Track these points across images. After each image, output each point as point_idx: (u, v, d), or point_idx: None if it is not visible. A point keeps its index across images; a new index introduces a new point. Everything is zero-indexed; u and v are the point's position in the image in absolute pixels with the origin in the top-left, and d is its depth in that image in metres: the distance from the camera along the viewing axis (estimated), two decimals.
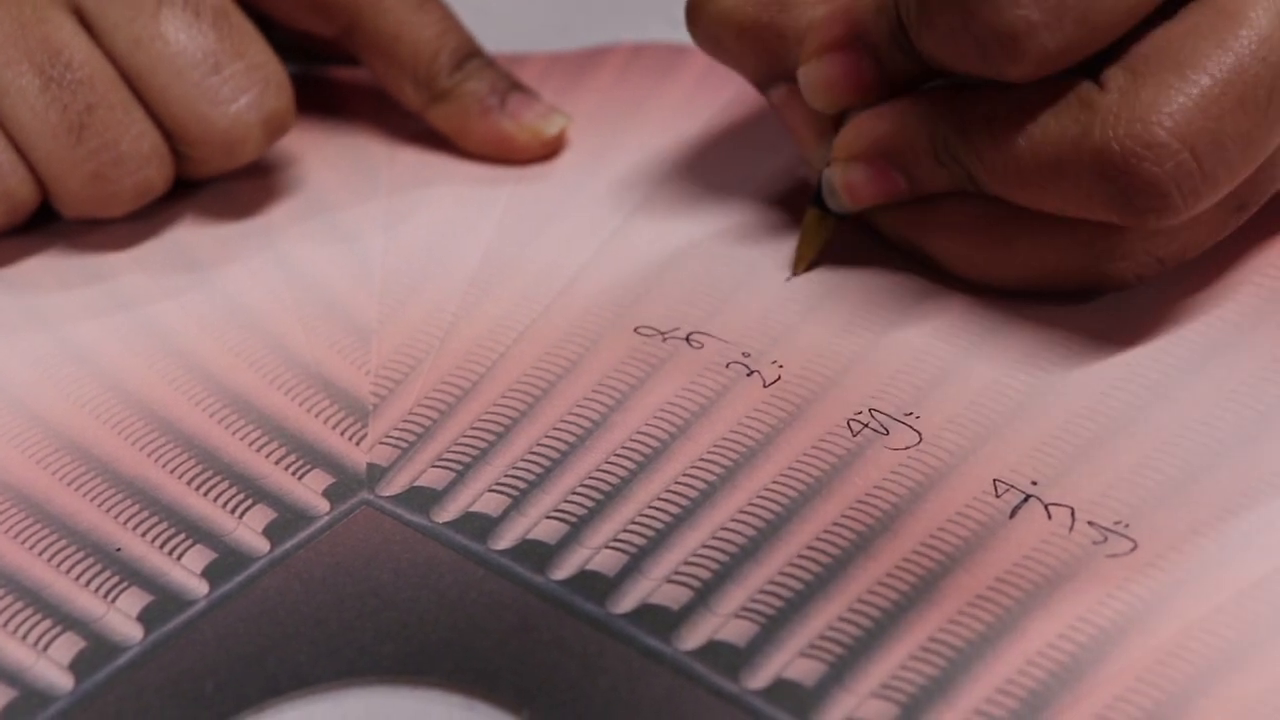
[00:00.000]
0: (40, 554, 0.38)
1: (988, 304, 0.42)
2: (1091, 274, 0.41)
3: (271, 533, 0.38)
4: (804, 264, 0.44)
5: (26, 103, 0.45)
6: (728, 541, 0.37)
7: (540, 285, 0.45)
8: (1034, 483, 0.37)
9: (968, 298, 0.43)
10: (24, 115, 0.45)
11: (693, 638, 0.35)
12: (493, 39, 0.51)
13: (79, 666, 0.35)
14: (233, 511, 0.39)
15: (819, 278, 0.44)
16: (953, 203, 0.41)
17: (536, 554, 0.37)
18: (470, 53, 0.50)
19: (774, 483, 0.38)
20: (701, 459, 0.39)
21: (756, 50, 0.43)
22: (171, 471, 0.40)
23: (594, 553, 0.37)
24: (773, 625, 0.35)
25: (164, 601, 0.37)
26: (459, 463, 0.39)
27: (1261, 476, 0.37)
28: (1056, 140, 0.38)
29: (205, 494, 0.39)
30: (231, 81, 0.45)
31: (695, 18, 0.44)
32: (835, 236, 0.44)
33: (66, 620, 0.36)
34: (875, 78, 0.41)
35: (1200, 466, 0.38)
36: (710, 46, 0.45)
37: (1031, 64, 0.38)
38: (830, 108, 0.42)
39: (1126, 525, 0.36)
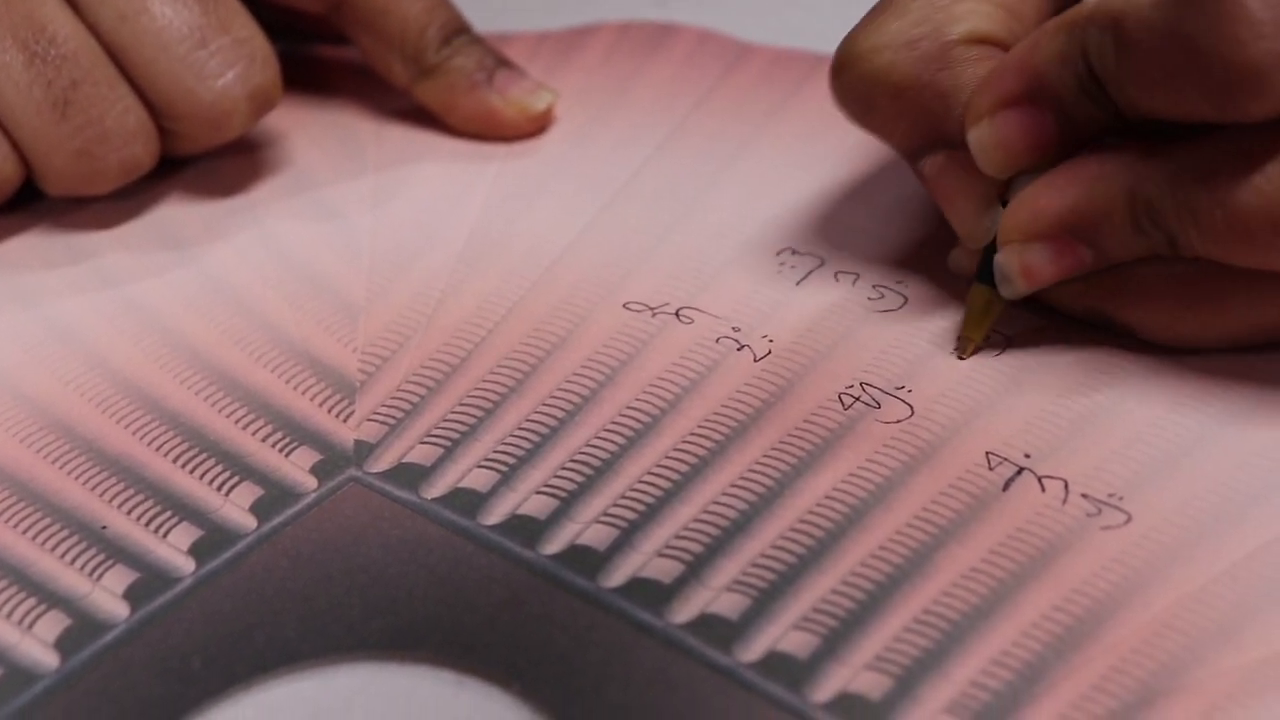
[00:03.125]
0: (25, 532, 0.38)
1: None
2: None
3: (258, 510, 0.38)
4: (972, 346, 0.40)
5: (11, 79, 0.44)
6: (719, 515, 0.37)
7: (528, 261, 0.44)
8: (1027, 455, 0.37)
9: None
10: (8, 92, 0.44)
11: (684, 611, 0.35)
12: (481, 17, 0.51)
13: (64, 644, 0.35)
14: (219, 489, 0.38)
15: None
16: (1152, 269, 0.38)
17: (526, 529, 0.37)
18: (458, 29, 0.50)
19: (765, 456, 0.38)
20: (692, 433, 0.39)
21: (914, 113, 0.39)
22: (157, 449, 0.39)
23: (584, 527, 0.37)
24: (765, 598, 0.35)
25: (150, 579, 0.36)
26: (447, 439, 0.39)
27: (1255, 450, 0.37)
28: None
29: (191, 471, 0.39)
30: (218, 56, 0.45)
31: (843, 77, 0.40)
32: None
33: (52, 598, 0.36)
34: (1056, 136, 0.37)
35: (1194, 440, 0.37)
36: (858, 109, 0.41)
37: (1275, 100, 0.34)
38: (1004, 171, 0.38)
39: (1120, 498, 0.36)
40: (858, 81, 0.40)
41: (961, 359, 0.40)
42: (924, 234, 0.44)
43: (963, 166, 0.39)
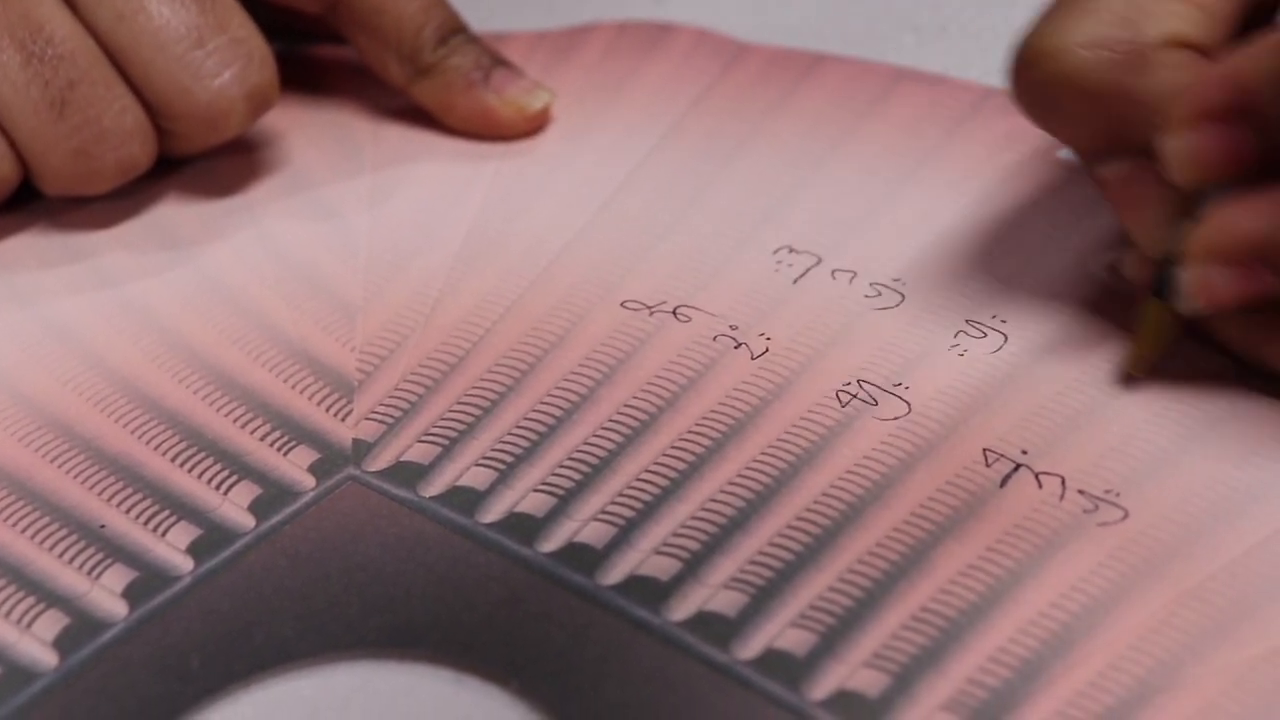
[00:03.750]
0: (23, 531, 0.38)
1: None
2: None
3: (257, 509, 0.38)
4: (1146, 364, 0.38)
5: (8, 79, 0.44)
6: (717, 513, 0.37)
7: (525, 261, 0.44)
8: (1024, 452, 0.37)
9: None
10: (5, 91, 0.44)
11: (682, 608, 0.35)
12: (478, 17, 0.51)
13: (63, 643, 0.35)
14: (217, 488, 0.38)
15: None
16: None
17: (524, 527, 0.37)
18: (454, 28, 0.50)
19: (763, 454, 0.38)
20: (690, 431, 0.39)
21: (1103, 117, 0.38)
22: (155, 448, 0.39)
23: (582, 525, 0.37)
24: (763, 596, 0.35)
25: (148, 578, 0.36)
26: (445, 437, 0.39)
27: (1251, 447, 0.37)
28: None
29: (189, 471, 0.39)
30: (215, 56, 0.45)
31: (1028, 78, 0.39)
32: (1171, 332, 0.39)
33: (50, 597, 0.36)
34: (1255, 155, 0.36)
35: (1191, 436, 0.37)
36: (1042, 110, 0.39)
37: None
38: (1196, 183, 0.37)
39: (1117, 494, 0.36)
40: (1044, 81, 0.38)
41: (1135, 377, 0.39)
42: (921, 232, 0.44)
43: (1148, 176, 0.38)
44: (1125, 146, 0.38)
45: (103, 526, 0.38)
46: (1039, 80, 0.38)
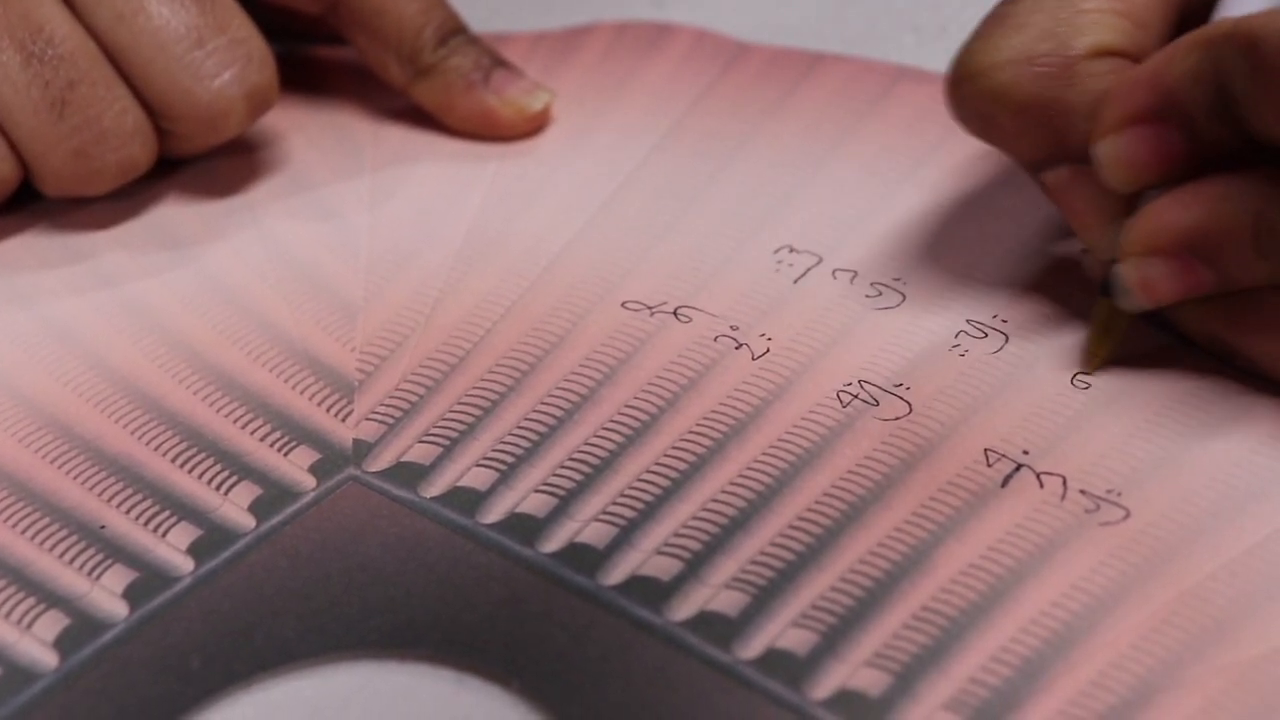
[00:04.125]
0: (23, 532, 0.38)
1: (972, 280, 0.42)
2: None
3: (257, 509, 0.38)
4: (1097, 361, 0.39)
5: (8, 79, 0.44)
6: (718, 513, 0.37)
7: (526, 261, 0.44)
8: (1025, 452, 0.37)
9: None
10: (5, 92, 0.44)
11: (684, 608, 0.35)
12: (478, 17, 0.51)
13: (64, 643, 0.35)
14: (218, 488, 0.38)
15: None
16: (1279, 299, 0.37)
17: (525, 527, 0.37)
18: (454, 29, 0.50)
19: (764, 454, 0.38)
20: (691, 431, 0.39)
21: (1037, 129, 0.38)
22: (155, 449, 0.39)
23: (583, 525, 0.37)
24: (764, 595, 0.35)
25: (149, 578, 0.36)
26: (446, 438, 0.39)
27: (1252, 446, 0.37)
28: None
29: (190, 471, 0.39)
30: (215, 56, 0.45)
31: (961, 94, 0.39)
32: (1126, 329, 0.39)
33: (50, 598, 0.36)
34: (1184, 153, 0.37)
35: (1192, 436, 0.37)
36: (978, 125, 0.40)
37: None
38: (1129, 186, 0.37)
39: (1119, 494, 0.36)
40: (978, 97, 0.39)
41: (1087, 374, 0.39)
42: (922, 232, 0.44)
43: (1087, 180, 0.38)
44: (1063, 155, 0.39)
45: (103, 527, 0.38)
46: (972, 97, 0.39)
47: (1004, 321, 0.41)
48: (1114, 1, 0.38)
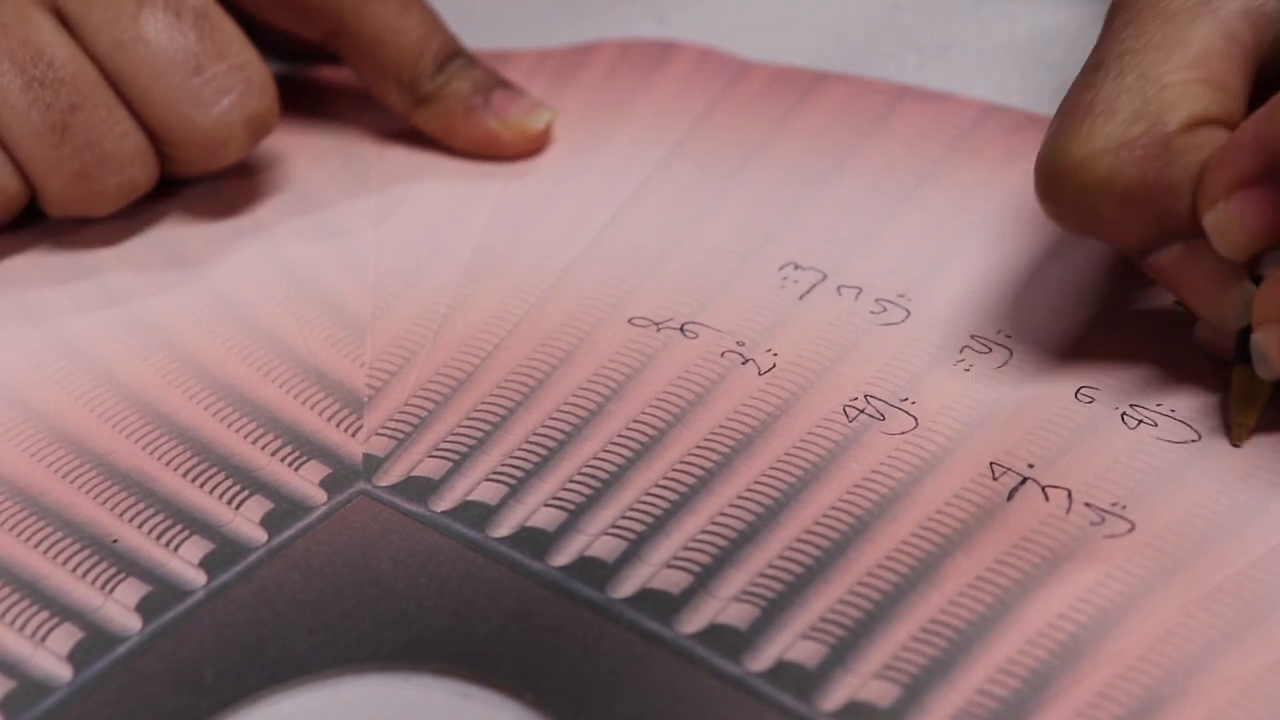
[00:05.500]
0: (36, 546, 0.38)
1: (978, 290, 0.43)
2: None
3: (269, 523, 0.38)
4: (1245, 432, 0.38)
5: (9, 103, 0.44)
6: (727, 526, 0.37)
7: (533, 278, 0.45)
8: (1030, 465, 0.38)
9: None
10: (7, 115, 0.44)
11: (694, 621, 0.35)
12: (481, 37, 0.51)
13: (77, 657, 0.35)
14: (229, 503, 0.39)
15: None
16: None
17: (535, 541, 0.37)
18: (452, 53, 0.50)
19: (772, 468, 0.38)
20: (699, 446, 0.39)
21: (1143, 213, 0.37)
22: (167, 464, 0.40)
23: (593, 539, 0.37)
24: (774, 608, 0.35)
25: (162, 592, 0.37)
26: (456, 452, 0.39)
27: (1256, 460, 0.37)
28: None
29: (201, 486, 0.39)
30: (214, 83, 0.45)
31: (1060, 190, 0.38)
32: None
33: (64, 611, 0.36)
34: None
35: (1195, 449, 0.38)
36: (1079, 219, 0.38)
37: None
38: (1245, 254, 0.37)
39: (1123, 507, 0.37)
40: (1079, 193, 0.38)
41: (1237, 446, 0.38)
42: (925, 248, 0.44)
43: (1200, 255, 0.37)
44: (1172, 234, 0.38)
45: (115, 541, 0.38)
46: (1072, 193, 0.38)
47: (1008, 336, 0.41)
48: (1196, 70, 0.37)
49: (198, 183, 0.49)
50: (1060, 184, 0.38)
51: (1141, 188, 0.37)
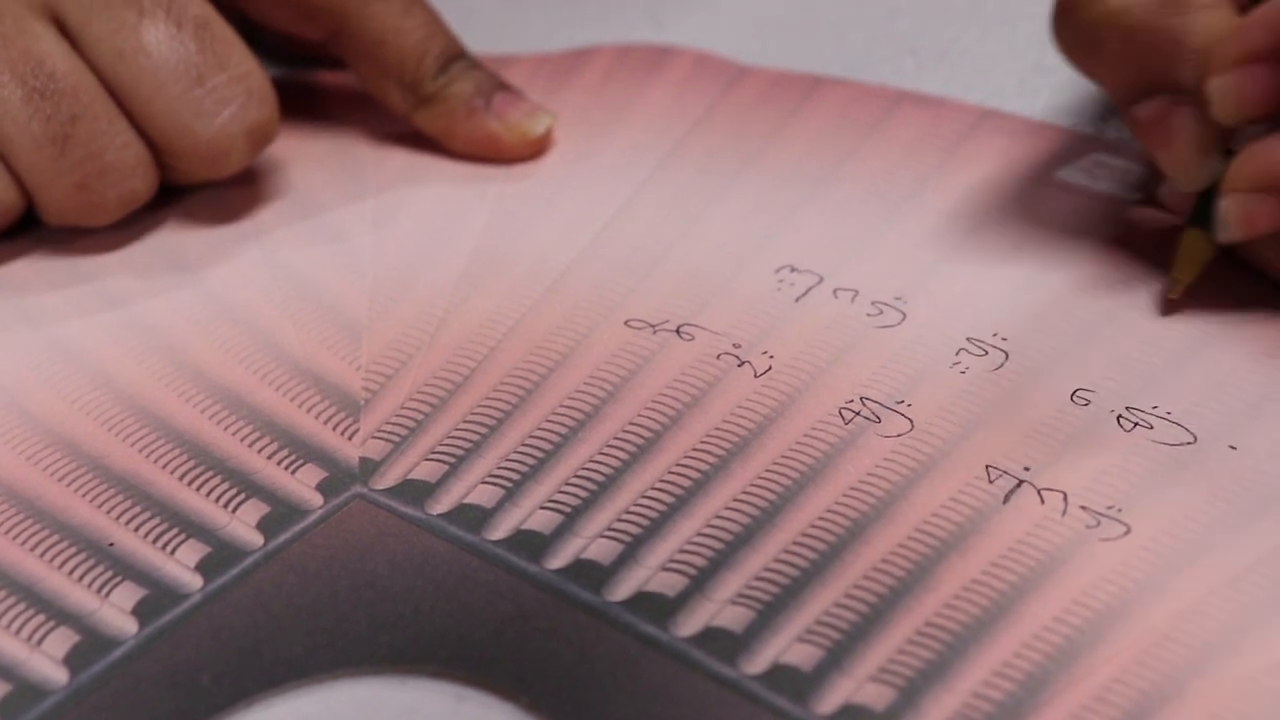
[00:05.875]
0: (33, 549, 0.38)
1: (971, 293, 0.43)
2: None
3: (265, 527, 0.38)
4: (1181, 287, 0.41)
5: (10, 114, 0.44)
6: (723, 529, 0.37)
7: (530, 280, 0.45)
8: (1026, 468, 0.38)
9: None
10: (8, 126, 0.44)
11: (689, 624, 0.35)
12: (479, 41, 0.51)
13: (73, 660, 0.35)
14: (226, 506, 0.39)
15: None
16: None
17: (531, 544, 0.37)
18: (455, 55, 0.50)
19: (768, 471, 0.38)
20: (695, 448, 0.39)
21: (1142, 55, 0.40)
22: (164, 467, 0.40)
23: (589, 542, 0.37)
24: (769, 611, 0.35)
25: (158, 595, 0.37)
26: (452, 455, 0.39)
27: (1251, 463, 0.37)
28: None
29: (198, 489, 0.39)
30: (215, 94, 0.45)
31: (1070, 18, 0.41)
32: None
33: (60, 615, 0.36)
34: None
35: (1191, 452, 0.38)
36: (1082, 51, 0.41)
37: None
38: (1237, 121, 0.39)
39: (1119, 510, 0.37)
40: (1087, 23, 0.40)
41: (1171, 300, 0.41)
42: (922, 251, 0.44)
43: (1184, 113, 0.40)
44: (1161, 85, 0.40)
45: (111, 544, 0.38)
46: (1083, 22, 0.40)
47: (1004, 339, 0.41)
48: None
49: (197, 187, 0.49)
50: (1074, 12, 0.40)
51: (1148, 29, 0.39)
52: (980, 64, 0.52)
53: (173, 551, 0.38)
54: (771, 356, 0.41)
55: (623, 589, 0.36)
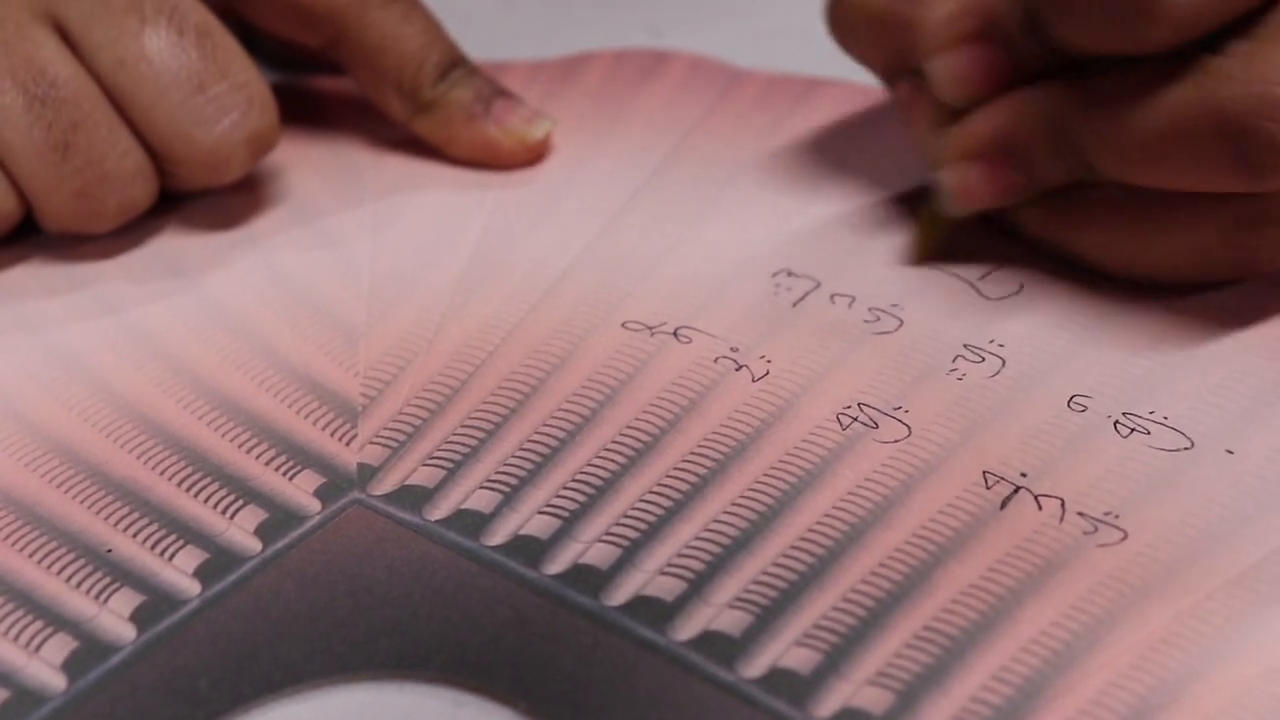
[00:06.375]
0: (30, 556, 0.38)
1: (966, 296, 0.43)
2: (1241, 259, 0.41)
3: (263, 533, 0.38)
4: (920, 254, 0.44)
5: (10, 121, 0.44)
6: (720, 534, 0.37)
7: (527, 285, 0.45)
8: (1023, 474, 0.38)
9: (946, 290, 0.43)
10: (8, 133, 0.44)
11: (687, 628, 0.35)
12: (476, 46, 0.51)
13: (72, 667, 0.35)
14: (224, 512, 0.39)
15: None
16: (1098, 193, 0.41)
17: (529, 549, 0.37)
18: (454, 62, 0.50)
19: (765, 475, 0.38)
20: (692, 452, 0.39)
21: (886, 41, 0.44)
22: (161, 473, 0.40)
23: (587, 547, 0.37)
24: (767, 615, 0.35)
25: (156, 601, 0.37)
26: (450, 461, 0.39)
27: (1248, 468, 0.38)
28: (1175, 107, 0.38)
29: (196, 495, 0.39)
30: (215, 101, 0.45)
31: (833, 8, 0.45)
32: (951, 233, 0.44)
33: (58, 621, 0.36)
34: (1007, 70, 0.41)
35: (1188, 457, 0.38)
36: (843, 37, 0.45)
37: (1169, 28, 0.38)
38: (960, 100, 0.42)
39: (1116, 515, 0.37)
40: (845, 11, 0.45)
41: (918, 264, 0.44)
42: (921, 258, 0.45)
43: (925, 93, 0.43)
44: (909, 68, 0.43)
45: (109, 550, 0.38)
46: (841, 11, 0.45)
47: (1001, 346, 0.41)
48: None
49: (196, 194, 0.49)
50: (836, 3, 0.45)
51: (887, 17, 0.43)
52: None
53: (171, 557, 0.38)
54: (769, 361, 0.41)
55: (621, 594, 0.36)
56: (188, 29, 0.45)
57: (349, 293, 0.45)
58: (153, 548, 0.38)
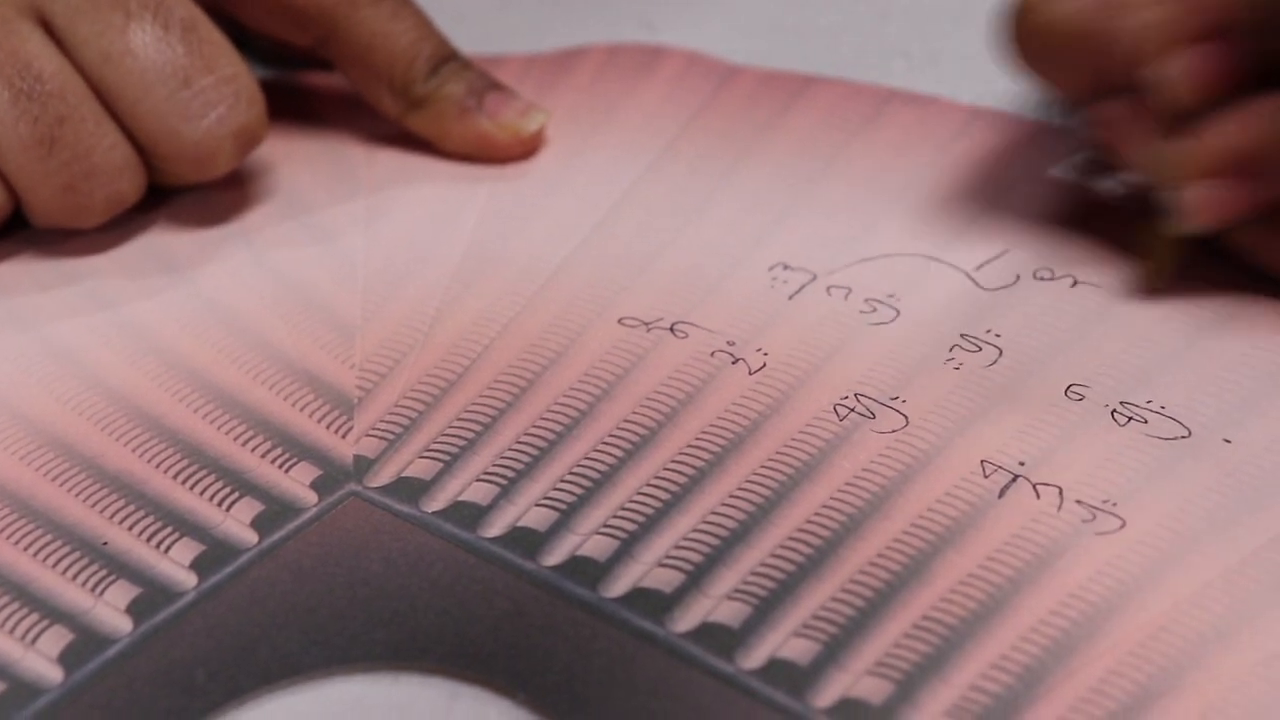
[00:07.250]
0: (26, 549, 0.38)
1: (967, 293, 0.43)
2: None
3: (260, 525, 0.38)
4: (1154, 283, 0.41)
5: None
6: (718, 525, 0.37)
7: (523, 279, 0.45)
8: (1021, 463, 0.38)
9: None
10: None
11: (686, 620, 0.35)
12: (470, 40, 0.51)
13: (68, 659, 0.35)
14: (220, 504, 0.39)
15: None
16: None
17: (527, 541, 0.37)
18: (445, 56, 0.50)
19: (763, 467, 0.38)
20: (690, 445, 0.39)
21: (1089, 58, 0.41)
22: (157, 466, 0.40)
23: (584, 539, 0.37)
24: (766, 606, 0.35)
25: (153, 594, 0.36)
26: (446, 453, 0.39)
27: (1246, 456, 0.38)
28: None
29: (192, 488, 0.39)
30: (201, 96, 0.45)
31: (1019, 26, 0.42)
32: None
33: (55, 613, 0.36)
34: (1242, 70, 0.39)
35: (1186, 446, 0.38)
36: (1034, 58, 0.42)
37: None
38: (1197, 103, 0.39)
39: (1114, 504, 0.37)
40: (1035, 30, 0.41)
41: (1153, 291, 0.41)
42: (914, 249, 0.44)
43: (1139, 110, 0.40)
44: (1111, 86, 0.41)
45: (105, 543, 0.38)
46: (1031, 31, 0.41)
47: (997, 335, 0.41)
48: None
49: (186, 189, 0.49)
50: (1023, 19, 0.42)
51: (1091, 33, 0.40)
52: (971, 67, 0.51)
53: (167, 550, 0.37)
54: (766, 353, 0.41)
55: (619, 585, 0.36)
56: (173, 23, 0.45)
57: (343, 286, 0.45)
58: (149, 540, 0.38)
